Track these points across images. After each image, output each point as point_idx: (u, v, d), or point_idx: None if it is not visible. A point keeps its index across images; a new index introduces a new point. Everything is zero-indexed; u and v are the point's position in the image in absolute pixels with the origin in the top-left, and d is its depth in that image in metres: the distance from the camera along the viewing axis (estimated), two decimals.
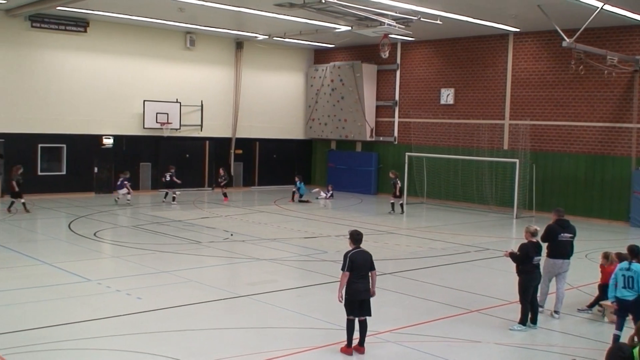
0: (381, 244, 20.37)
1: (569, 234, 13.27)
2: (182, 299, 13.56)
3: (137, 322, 11.90)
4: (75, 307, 12.87)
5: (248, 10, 26.42)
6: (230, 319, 12.42)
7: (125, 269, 16.47)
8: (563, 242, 13.20)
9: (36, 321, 11.69)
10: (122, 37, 31.77)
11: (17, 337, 10.80)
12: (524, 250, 12.18)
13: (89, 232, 21.36)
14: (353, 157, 36.81)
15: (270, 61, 37.27)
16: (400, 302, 13.94)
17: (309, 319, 12.43)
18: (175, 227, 22.92)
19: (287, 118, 38.41)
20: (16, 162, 27.46)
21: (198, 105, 34.37)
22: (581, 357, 10.66)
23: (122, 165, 31.74)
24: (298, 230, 23.06)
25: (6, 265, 16.37)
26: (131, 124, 32.49)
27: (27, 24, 29.00)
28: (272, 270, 16.75)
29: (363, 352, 10.52)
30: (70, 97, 30.58)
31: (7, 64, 28.91)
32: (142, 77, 32.65)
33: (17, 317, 12.04)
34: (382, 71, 35.73)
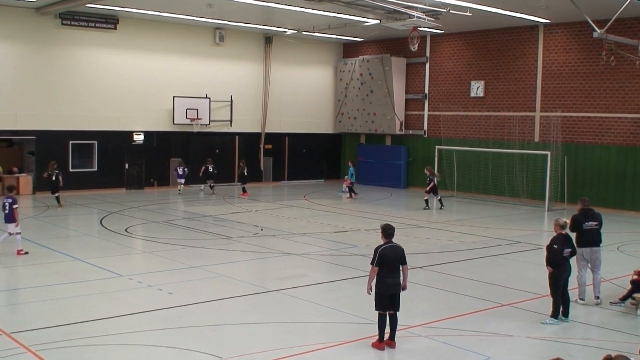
0: (411, 238, 20.28)
1: (593, 222, 13.46)
2: (213, 294, 13.62)
3: (168, 317, 11.98)
4: (107, 302, 12.99)
5: (277, 5, 26.43)
6: (261, 314, 12.45)
7: (157, 265, 16.59)
8: (589, 231, 13.40)
9: (69, 317, 11.82)
10: (152, 34, 31.98)
11: (50, 332, 10.93)
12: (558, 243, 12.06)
13: (120, 227, 21.56)
14: (382, 151, 36.70)
15: (299, 56, 37.27)
16: (431, 296, 13.87)
17: (339, 313, 12.42)
18: (205, 222, 23.04)
19: (316, 112, 38.40)
20: (48, 159, 27.88)
21: (227, 100, 34.49)
22: (615, 350, 10.52)
23: (154, 161, 32.06)
24: (328, 224, 23.05)
25: (39, 262, 16.58)
26: (161, 120, 32.72)
27: (57, 22, 29.31)
28: (302, 264, 16.76)
29: (394, 346, 10.49)
30: (101, 94, 30.87)
31: (38, 61, 29.24)
32: (172, 73, 32.84)
33: (51, 312, 12.18)
34: (412, 64, 35.55)
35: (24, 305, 12.96)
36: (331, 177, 39.14)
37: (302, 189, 34.35)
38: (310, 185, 36.53)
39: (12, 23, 28.39)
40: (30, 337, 10.56)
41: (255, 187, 33.93)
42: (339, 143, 39.62)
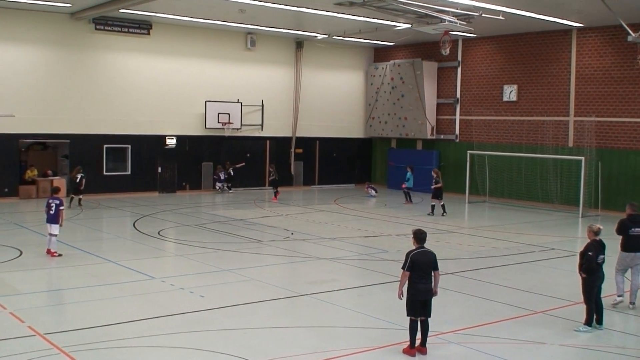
0: (442, 243, 20.17)
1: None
2: (243, 297, 13.66)
3: (199, 319, 12.04)
4: (139, 304, 13.10)
5: (308, 9, 26.50)
6: (291, 318, 12.46)
7: (188, 267, 16.70)
8: (634, 237, 13.36)
9: (102, 319, 11.93)
10: (184, 39, 32.23)
11: (83, 334, 11.04)
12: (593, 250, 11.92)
13: (153, 230, 21.74)
14: (413, 156, 36.53)
15: (330, 60, 37.32)
16: (463, 303, 13.77)
17: (369, 318, 12.39)
18: (236, 226, 23.13)
19: (347, 117, 38.40)
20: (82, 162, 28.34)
21: (259, 105, 34.63)
22: None
23: (186, 165, 32.33)
24: (358, 229, 23.02)
25: (73, 264, 16.77)
26: (193, 124, 32.95)
27: (91, 27, 29.67)
28: (333, 269, 16.75)
29: (425, 352, 10.43)
30: (134, 98, 31.18)
31: (72, 66, 29.63)
32: (204, 78, 33.07)
33: (84, 314, 12.31)
34: (443, 68, 35.41)
35: (57, 307, 13.12)
36: (362, 182, 39.00)
37: (333, 194, 34.35)
38: (341, 189, 36.52)
39: (47, 28, 28.81)
40: (63, 339, 10.68)
41: (285, 191, 33.99)
42: (369, 147, 39.56)
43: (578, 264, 12.18)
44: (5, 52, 28.04)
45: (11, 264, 16.33)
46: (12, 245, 18.46)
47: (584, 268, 11.96)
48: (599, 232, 12.16)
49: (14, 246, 18.37)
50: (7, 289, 13.93)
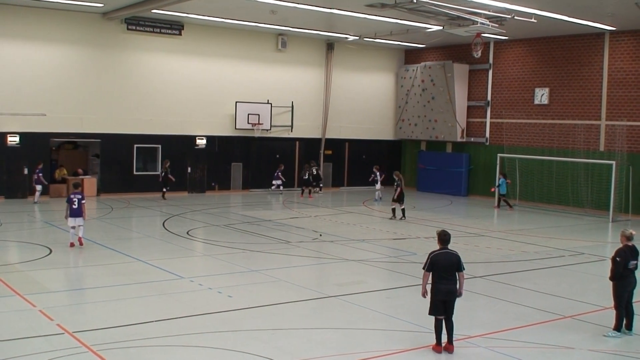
0: (471, 247, 20.02)
1: None
2: (271, 298, 13.68)
3: (227, 319, 12.07)
4: (168, 303, 13.16)
5: (339, 11, 26.49)
6: (319, 319, 12.45)
7: (217, 267, 16.76)
8: None
9: (130, 317, 12.02)
10: (216, 40, 32.38)
11: (111, 332, 11.12)
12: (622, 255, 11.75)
13: (182, 230, 21.85)
14: (443, 158, 36.38)
15: (360, 62, 37.26)
16: (492, 307, 13.65)
17: (397, 321, 12.32)
18: (265, 226, 23.17)
19: (376, 119, 38.31)
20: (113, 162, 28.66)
21: (289, 106, 34.69)
22: None
23: (215, 166, 32.48)
24: (387, 231, 22.94)
25: (102, 263, 16.92)
26: (223, 125, 33.09)
27: (123, 27, 29.93)
28: (361, 271, 16.71)
29: (452, 350, 10.52)
30: (165, 98, 31.38)
31: (104, 66, 29.91)
32: (235, 78, 33.19)
33: (112, 313, 12.41)
34: (474, 71, 35.18)
35: (86, 305, 13.23)
36: (391, 184, 38.80)
37: (362, 195, 34.29)
38: (370, 191, 36.39)
39: (79, 28, 29.10)
40: (92, 337, 10.76)
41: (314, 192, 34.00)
42: (399, 150, 39.43)
43: (610, 269, 12.02)
44: (37, 51, 28.38)
45: (41, 262, 16.51)
46: (42, 244, 18.66)
47: (612, 274, 11.81)
48: (631, 237, 11.98)
49: (43, 244, 18.57)
50: (37, 286, 14.09)
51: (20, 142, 28.09)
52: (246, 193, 33.22)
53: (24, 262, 16.55)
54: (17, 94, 27.96)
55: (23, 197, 28.28)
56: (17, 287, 13.74)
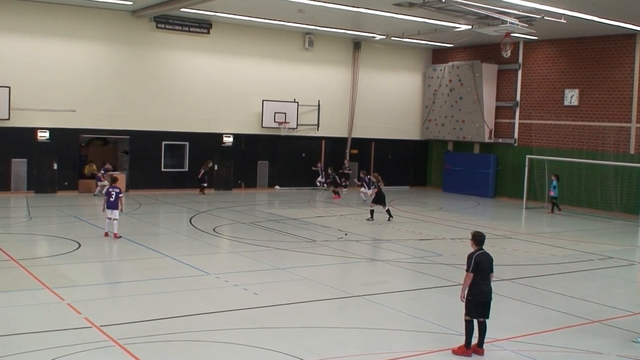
0: (499, 249, 19.87)
1: None
2: (296, 296, 13.69)
3: (253, 317, 12.10)
4: (194, 299, 13.22)
5: (367, 10, 26.44)
6: (344, 318, 12.44)
7: (243, 264, 16.81)
8: None
9: (157, 312, 12.08)
10: (243, 38, 32.49)
11: (138, 327, 11.20)
12: None
13: (208, 227, 21.95)
14: (470, 159, 36.16)
15: (387, 61, 37.17)
16: (519, 310, 13.54)
17: (422, 322, 12.26)
18: (290, 225, 23.20)
19: (403, 118, 38.20)
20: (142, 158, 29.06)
21: (315, 105, 34.70)
22: None
23: (241, 163, 32.59)
24: (412, 231, 22.86)
25: (130, 257, 17.07)
26: (250, 123, 33.19)
27: (152, 25, 30.13)
28: (386, 271, 16.67)
29: (482, 353, 10.41)
30: (193, 96, 31.55)
31: (133, 63, 30.14)
32: (262, 77, 33.28)
33: (139, 307, 12.50)
34: (503, 71, 34.92)
35: (114, 299, 13.33)
36: (417, 184, 38.84)
37: (388, 195, 34.08)
38: (396, 191, 36.32)
39: (109, 26, 29.35)
40: (118, 331, 10.84)
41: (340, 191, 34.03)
42: (425, 150, 39.28)
43: None
44: (67, 49, 28.68)
45: (69, 256, 16.67)
46: (71, 238, 18.85)
47: None
48: None
49: (72, 239, 18.76)
50: (65, 280, 14.23)
51: (50, 137, 28.42)
52: (272, 191, 33.27)
53: (53, 255, 16.72)
54: (48, 91, 28.28)
55: (52, 192, 28.59)
56: (46, 281, 13.89)
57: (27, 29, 27.75)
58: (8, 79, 27.22)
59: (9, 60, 27.51)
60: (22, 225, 21.36)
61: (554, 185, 29.60)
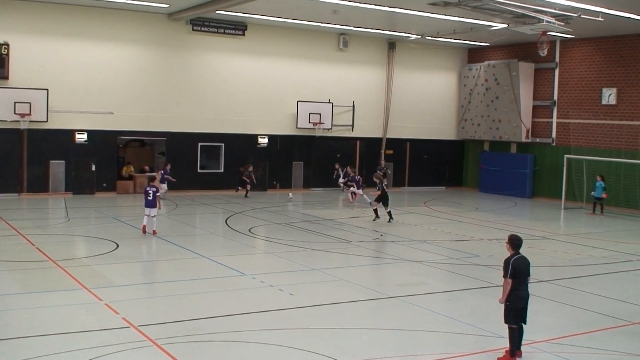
0: (537, 250, 19.64)
1: None
2: (332, 297, 13.68)
3: (288, 317, 12.13)
4: (230, 300, 13.29)
5: (401, 10, 26.34)
6: (379, 320, 12.40)
7: (278, 265, 16.85)
8: None
9: (193, 312, 12.16)
10: (278, 40, 32.59)
11: (175, 327, 11.29)
12: None
13: (244, 227, 22.05)
14: (507, 159, 35.82)
15: (422, 61, 36.99)
16: (557, 311, 13.37)
17: (459, 323, 12.17)
18: (326, 225, 23.20)
19: (438, 118, 37.99)
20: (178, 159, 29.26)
21: (350, 105, 34.66)
22: None
23: (276, 164, 32.69)
24: (448, 232, 22.71)
25: (167, 258, 17.22)
26: (285, 124, 33.28)
27: (188, 28, 30.37)
28: (422, 272, 16.57)
29: (521, 355, 10.27)
30: (228, 98, 31.73)
31: (170, 65, 30.41)
32: (296, 78, 33.35)
33: (176, 307, 12.59)
34: (540, 70, 34.54)
35: (151, 300, 13.44)
36: (453, 185, 38.59)
37: (423, 196, 34.04)
38: (431, 192, 36.17)
39: (146, 28, 29.65)
40: (156, 331, 10.94)
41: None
42: (461, 150, 39.01)
43: None
44: (105, 51, 29.02)
45: (108, 257, 16.87)
46: (109, 238, 19.07)
47: None
48: None
49: (110, 239, 18.97)
50: (103, 280, 14.39)
51: (88, 139, 28.78)
52: (307, 192, 33.32)
53: (91, 256, 16.93)
54: (86, 93, 28.67)
55: (90, 193, 28.96)
56: (84, 281, 14.07)
57: (64, 32, 28.14)
58: (46, 82, 27.64)
59: (47, 63, 27.92)
60: (60, 226, 21.67)
61: (603, 187, 28.84)
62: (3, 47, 26.69)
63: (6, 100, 26.68)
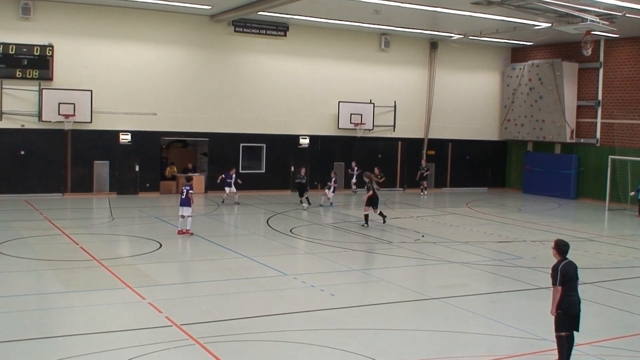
0: (581, 252, 19.36)
1: None
2: (373, 297, 13.68)
3: (329, 317, 12.14)
4: (272, 300, 13.36)
5: (444, 9, 26.19)
6: (421, 321, 12.34)
7: (320, 266, 16.89)
8: None
9: (235, 312, 12.26)
10: (319, 40, 32.66)
11: (217, 326, 11.38)
12: None
13: (285, 228, 22.14)
14: (551, 160, 35.37)
15: (465, 61, 36.73)
16: (601, 314, 13.16)
17: (502, 326, 12.05)
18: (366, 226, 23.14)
19: (481, 119, 37.67)
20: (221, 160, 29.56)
21: (391, 106, 34.57)
22: None
23: (318, 165, 32.73)
24: (491, 233, 22.51)
25: (209, 258, 17.36)
26: (326, 125, 33.33)
27: (230, 29, 30.59)
28: (464, 273, 16.46)
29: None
30: (270, 98, 31.89)
31: (212, 67, 30.67)
32: (338, 78, 33.36)
33: (218, 307, 12.70)
34: (584, 69, 34.03)
35: (193, 299, 13.56)
36: (495, 186, 38.24)
37: (465, 197, 33.79)
38: (473, 193, 35.88)
39: (189, 30, 29.96)
40: (198, 330, 11.04)
41: (416, 193, 33.84)
42: (504, 150, 38.63)
43: None
44: (148, 53, 29.40)
45: (151, 256, 17.08)
46: (152, 238, 19.31)
47: None
48: None
49: (154, 239, 19.21)
50: (147, 280, 14.58)
51: (131, 140, 29.17)
52: (348, 192, 33.31)
53: (135, 255, 17.16)
54: (129, 94, 29.07)
55: (134, 193, 29.36)
56: (128, 280, 14.27)
57: (108, 33, 28.57)
58: (91, 83, 28.10)
59: (91, 65, 28.36)
60: (104, 226, 22.01)
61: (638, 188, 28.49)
62: (47, 49, 27.22)
63: (50, 101, 27.20)
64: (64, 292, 13.49)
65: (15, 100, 27.11)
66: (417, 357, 10.21)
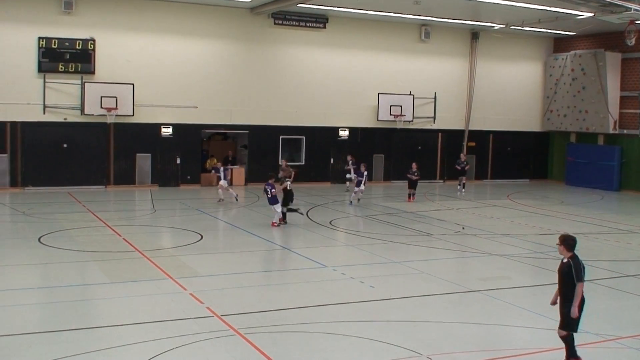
0: (623, 244, 19.08)
1: None
2: (413, 289, 13.64)
3: (370, 309, 12.15)
4: (311, 291, 13.41)
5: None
6: (461, 314, 12.28)
7: (359, 257, 16.90)
8: None
9: (275, 303, 12.34)
10: (359, 32, 32.57)
11: (258, 317, 11.47)
12: None
13: (325, 220, 22.18)
14: (594, 151, 34.84)
15: (506, 51, 36.33)
16: None
17: (543, 319, 11.92)
18: (406, 218, 23.11)
19: (522, 110, 37.25)
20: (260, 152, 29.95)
21: (431, 97, 34.36)
22: None
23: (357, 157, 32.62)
24: (533, 226, 22.28)
25: (249, 249, 17.48)
26: (366, 116, 33.26)
27: (270, 21, 30.68)
28: (505, 266, 16.32)
29: None
30: (309, 91, 31.92)
31: (252, 59, 30.79)
32: (377, 70, 33.26)
33: (258, 298, 12.79)
34: (627, 59, 33.42)
35: (234, 290, 13.65)
36: (537, 177, 37.81)
37: (506, 189, 33.47)
38: (515, 184, 35.51)
39: (228, 23, 30.11)
40: (239, 320, 11.14)
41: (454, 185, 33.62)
42: (546, 142, 38.15)
43: None
44: (189, 46, 29.62)
45: (192, 247, 17.26)
46: (194, 230, 19.50)
47: None
48: None
49: (195, 230, 19.39)
50: (188, 271, 14.74)
51: (173, 133, 29.46)
52: (388, 184, 33.23)
53: (176, 246, 17.36)
54: (171, 87, 29.34)
55: (175, 186, 29.67)
56: (170, 271, 14.44)
57: (149, 27, 28.85)
58: (132, 77, 28.43)
59: (132, 58, 28.69)
60: (146, 218, 22.29)
61: None
62: (89, 43, 27.61)
63: (93, 94, 27.59)
64: (107, 283, 13.70)
65: (58, 94, 27.55)
66: (458, 349, 10.16)
